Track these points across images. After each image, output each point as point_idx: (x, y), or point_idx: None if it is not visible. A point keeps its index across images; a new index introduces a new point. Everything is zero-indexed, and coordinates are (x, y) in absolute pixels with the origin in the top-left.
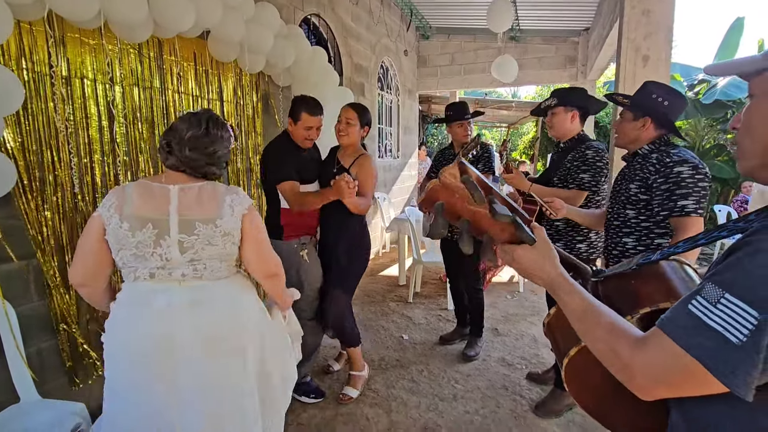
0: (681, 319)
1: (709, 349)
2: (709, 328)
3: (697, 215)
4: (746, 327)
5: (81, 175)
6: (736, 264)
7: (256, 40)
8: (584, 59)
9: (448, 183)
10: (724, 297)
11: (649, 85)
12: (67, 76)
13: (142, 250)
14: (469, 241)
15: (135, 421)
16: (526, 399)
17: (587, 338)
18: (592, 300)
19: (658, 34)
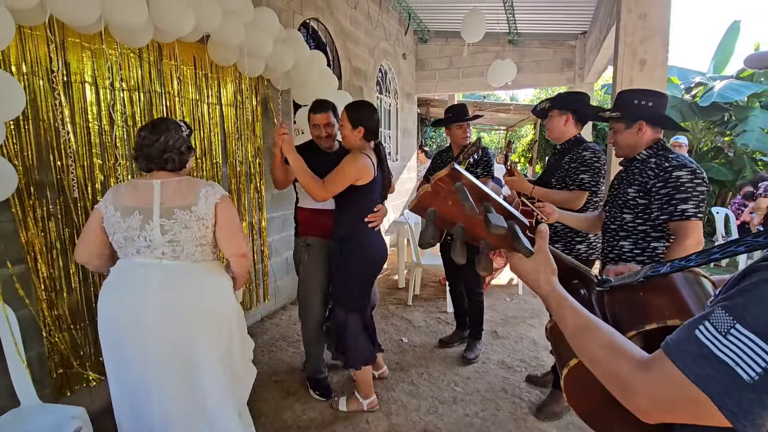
0: (687, 344)
1: (717, 383)
2: (719, 360)
3: (697, 219)
4: (759, 364)
5: (80, 180)
6: (750, 291)
7: (256, 44)
8: (582, 62)
9: (440, 190)
10: (734, 327)
11: (626, 93)
12: (67, 81)
13: (131, 233)
14: (461, 251)
15: (120, 387)
16: (526, 401)
17: (583, 355)
18: (588, 316)
19: (655, 38)
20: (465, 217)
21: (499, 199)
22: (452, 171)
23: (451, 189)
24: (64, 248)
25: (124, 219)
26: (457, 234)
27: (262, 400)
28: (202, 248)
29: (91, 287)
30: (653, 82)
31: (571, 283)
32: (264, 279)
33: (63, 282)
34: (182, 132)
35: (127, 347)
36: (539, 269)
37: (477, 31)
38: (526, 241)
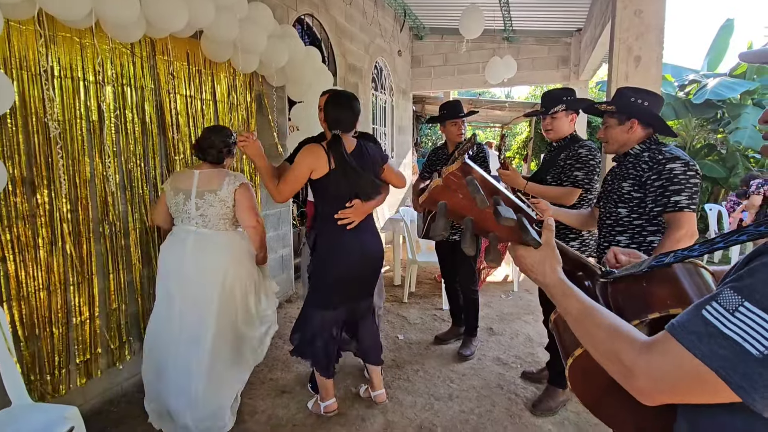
0: (694, 324)
1: (725, 360)
2: (726, 338)
3: (690, 210)
4: (767, 339)
5: (69, 176)
6: (758, 270)
7: (250, 40)
8: (577, 60)
9: (451, 183)
10: (743, 305)
11: (624, 90)
12: (58, 76)
13: (178, 207)
14: (472, 242)
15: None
16: (521, 398)
17: (586, 341)
18: (591, 303)
19: (650, 35)
20: (474, 210)
21: (508, 193)
22: (463, 165)
23: (462, 183)
24: (52, 245)
25: (174, 196)
26: (467, 226)
27: (258, 397)
28: (225, 221)
29: (73, 287)
30: (648, 78)
31: (575, 275)
32: None
33: (53, 278)
34: (228, 138)
35: (172, 298)
36: (545, 260)
37: (475, 27)
38: (534, 233)
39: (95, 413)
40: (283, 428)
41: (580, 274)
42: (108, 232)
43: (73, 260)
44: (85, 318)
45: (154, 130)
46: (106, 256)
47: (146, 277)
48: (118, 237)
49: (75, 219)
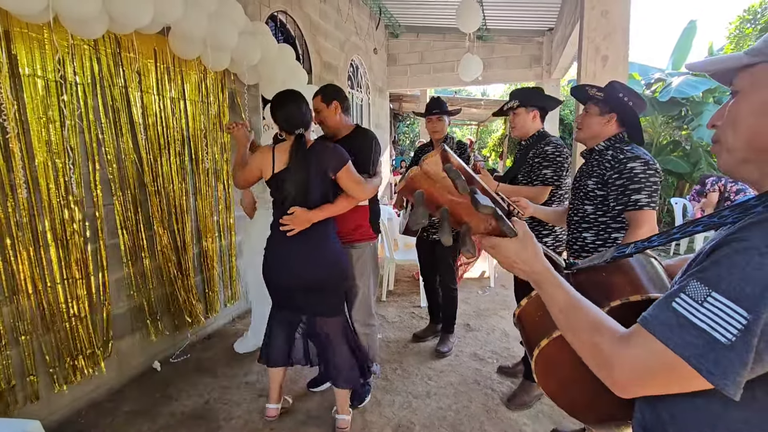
0: (665, 316)
1: (697, 348)
2: (696, 327)
3: (650, 209)
4: (735, 326)
5: (27, 180)
6: (722, 261)
7: (220, 36)
8: (548, 58)
9: (430, 171)
10: (710, 295)
11: (616, 84)
12: (13, 74)
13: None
14: (449, 231)
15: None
16: (497, 392)
17: (569, 332)
18: (576, 294)
19: (616, 35)
20: (450, 200)
21: (483, 183)
22: (443, 153)
23: (442, 171)
24: (15, 252)
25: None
26: (443, 216)
27: (234, 402)
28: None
29: (48, 292)
30: (616, 77)
31: None
32: (232, 279)
33: (17, 285)
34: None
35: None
36: (527, 247)
37: (473, 20)
38: (510, 223)
39: (62, 424)
40: (262, 430)
41: None
42: (71, 236)
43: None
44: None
45: (123, 129)
46: (67, 261)
47: (113, 282)
48: (82, 241)
49: (36, 224)
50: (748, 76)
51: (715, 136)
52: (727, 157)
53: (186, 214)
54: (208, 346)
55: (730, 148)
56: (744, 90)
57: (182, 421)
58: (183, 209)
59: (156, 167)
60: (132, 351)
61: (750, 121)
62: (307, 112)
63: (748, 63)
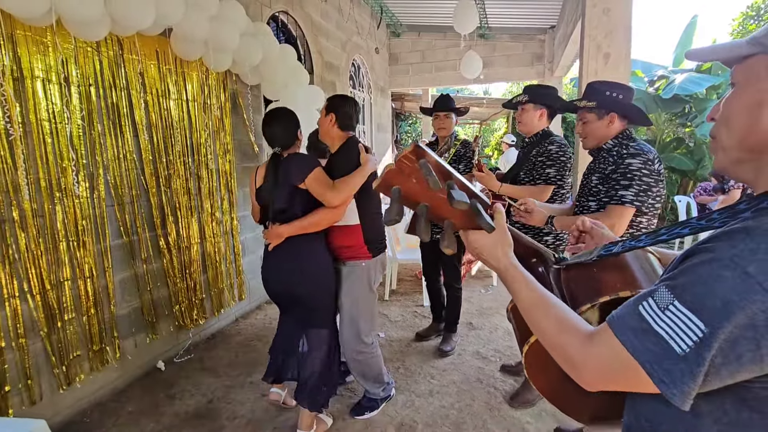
0: (630, 319)
1: (652, 355)
2: (656, 334)
3: (632, 206)
4: (690, 338)
5: (29, 182)
6: (689, 270)
7: (221, 38)
8: (551, 56)
9: (404, 167)
10: (673, 303)
11: (596, 84)
12: (17, 77)
13: None
14: (426, 228)
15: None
16: (500, 391)
17: (535, 329)
18: (543, 291)
19: (618, 32)
20: (429, 195)
21: (461, 178)
22: (416, 148)
23: (415, 167)
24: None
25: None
26: (421, 212)
27: (238, 402)
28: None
29: (52, 295)
30: (618, 75)
31: (530, 261)
32: (237, 278)
33: (12, 289)
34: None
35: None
36: (497, 244)
37: (470, 20)
38: (488, 217)
39: (67, 424)
40: (263, 431)
41: (534, 261)
42: (78, 236)
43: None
44: (56, 327)
45: (123, 131)
46: (75, 262)
47: (117, 282)
48: (89, 242)
49: (41, 225)
50: (744, 68)
51: (711, 131)
52: (722, 156)
53: (189, 215)
54: (212, 346)
55: (725, 147)
56: (739, 83)
57: (186, 421)
58: (186, 210)
59: (158, 168)
60: (136, 351)
61: (743, 117)
62: (289, 132)
63: (747, 53)
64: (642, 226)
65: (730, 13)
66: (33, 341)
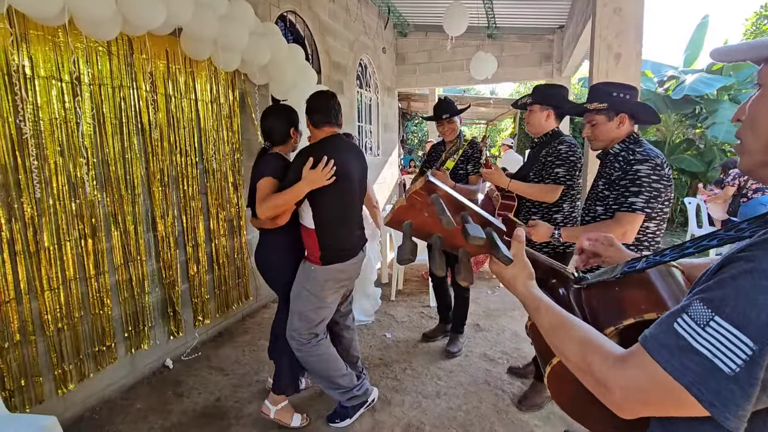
0: (665, 337)
1: (696, 376)
2: (697, 353)
3: (642, 213)
4: (739, 356)
5: (43, 180)
6: (728, 283)
7: (231, 37)
8: (559, 56)
9: (416, 203)
10: (713, 320)
11: (602, 86)
12: (30, 76)
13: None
14: (441, 262)
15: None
16: (508, 393)
17: (559, 353)
18: (564, 314)
19: (629, 32)
20: (442, 227)
21: (475, 208)
22: (426, 183)
23: (427, 201)
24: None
25: None
26: (435, 244)
27: (245, 400)
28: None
29: (60, 293)
30: (629, 75)
31: (549, 282)
32: (244, 277)
33: (25, 286)
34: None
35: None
36: (516, 275)
37: (460, 23)
38: (505, 249)
39: (76, 421)
40: (270, 430)
41: (553, 282)
42: (87, 235)
43: (54, 264)
44: (65, 324)
45: (133, 130)
46: (84, 260)
47: (127, 281)
48: (98, 240)
49: (51, 223)
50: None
51: (737, 132)
52: (747, 159)
53: (197, 214)
54: (219, 344)
55: (750, 150)
56: (766, 85)
57: (194, 419)
58: (194, 208)
59: (167, 167)
60: (144, 349)
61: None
62: (280, 129)
63: None
64: (650, 231)
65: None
66: (43, 338)
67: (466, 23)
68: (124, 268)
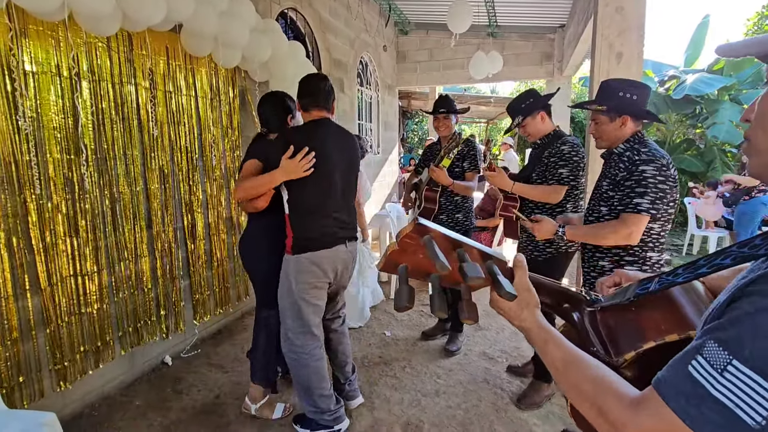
0: (680, 383)
1: (718, 427)
2: (716, 402)
3: (648, 214)
4: (764, 407)
5: (41, 175)
6: (743, 320)
7: (231, 34)
8: (560, 56)
9: (408, 246)
10: (731, 364)
11: (612, 83)
12: (30, 71)
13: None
14: (441, 303)
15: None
16: (507, 392)
17: (570, 393)
18: (574, 350)
19: (631, 32)
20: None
21: (471, 243)
22: (417, 226)
23: (419, 243)
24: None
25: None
26: (433, 285)
27: (243, 397)
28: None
29: (59, 289)
30: (630, 75)
31: (561, 307)
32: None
33: (28, 281)
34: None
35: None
36: (521, 306)
37: (463, 21)
38: (508, 283)
39: (75, 417)
40: (270, 428)
41: (566, 306)
42: (86, 231)
43: (53, 261)
44: (64, 321)
45: (133, 126)
46: (83, 256)
47: (126, 277)
48: (97, 236)
49: (48, 218)
50: None
51: (746, 132)
52: (756, 161)
53: (196, 211)
54: (218, 342)
55: (760, 150)
56: None
57: (193, 416)
58: (193, 205)
59: (166, 164)
60: (143, 346)
61: None
62: (274, 116)
63: None
64: (654, 231)
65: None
66: (41, 335)
67: (470, 21)
68: (123, 264)
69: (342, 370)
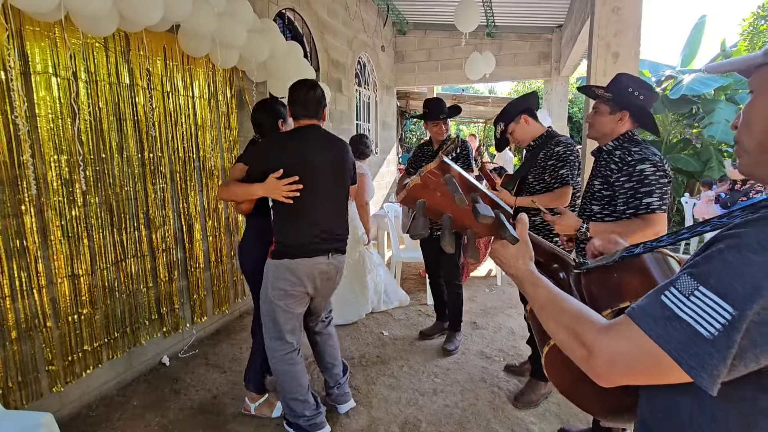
0: (653, 308)
1: (678, 341)
2: (680, 320)
3: (661, 212)
4: (719, 321)
5: (39, 177)
6: (714, 256)
7: (229, 34)
8: (558, 56)
9: (429, 182)
10: (697, 289)
11: (624, 78)
12: (25, 72)
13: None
14: (450, 240)
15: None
16: (504, 390)
17: (550, 325)
18: (558, 291)
19: (628, 32)
20: (453, 207)
21: (485, 190)
22: (441, 163)
23: (440, 181)
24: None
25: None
26: (445, 224)
27: (242, 397)
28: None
29: (56, 290)
30: None
31: (551, 267)
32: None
33: (26, 282)
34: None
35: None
36: (518, 255)
37: (471, 20)
38: (512, 229)
39: (73, 418)
40: (267, 427)
41: (555, 266)
42: (82, 231)
43: (49, 261)
44: (61, 321)
45: (130, 127)
46: (79, 256)
47: (124, 277)
48: (94, 237)
49: (45, 219)
50: (761, 77)
51: (735, 136)
52: (746, 160)
53: (194, 210)
54: (216, 342)
55: (747, 150)
56: (756, 91)
57: (191, 416)
58: (191, 205)
59: (163, 164)
60: (141, 346)
61: (762, 122)
62: (266, 122)
63: (762, 62)
64: None
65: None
66: (39, 335)
67: (478, 20)
68: (120, 264)
69: (330, 372)
